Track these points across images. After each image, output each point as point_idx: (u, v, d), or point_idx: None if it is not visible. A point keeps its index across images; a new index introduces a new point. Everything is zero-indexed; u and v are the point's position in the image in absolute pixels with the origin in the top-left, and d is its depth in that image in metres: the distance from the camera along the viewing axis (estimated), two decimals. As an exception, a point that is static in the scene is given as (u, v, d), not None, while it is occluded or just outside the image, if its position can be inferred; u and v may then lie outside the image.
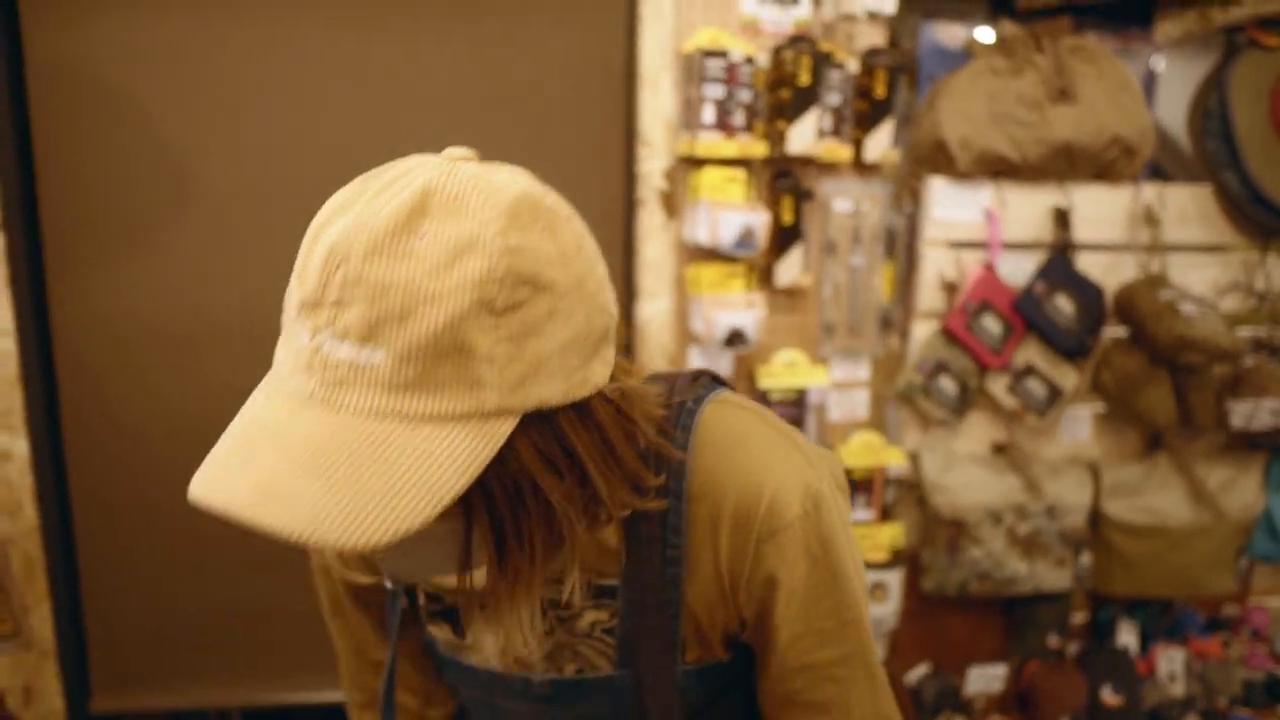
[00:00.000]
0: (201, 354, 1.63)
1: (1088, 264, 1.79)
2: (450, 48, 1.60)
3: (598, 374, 0.60)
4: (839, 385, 1.78)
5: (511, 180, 0.58)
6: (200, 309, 1.61)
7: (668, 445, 0.68)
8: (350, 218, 0.55)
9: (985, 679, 1.90)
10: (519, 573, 0.60)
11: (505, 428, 0.54)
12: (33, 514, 1.62)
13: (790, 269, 1.68)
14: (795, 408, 1.71)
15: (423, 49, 1.59)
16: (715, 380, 0.77)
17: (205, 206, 1.59)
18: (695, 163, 1.63)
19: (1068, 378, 1.79)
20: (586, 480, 0.60)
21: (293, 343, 0.57)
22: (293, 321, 0.57)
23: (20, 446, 1.59)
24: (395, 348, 0.52)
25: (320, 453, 0.52)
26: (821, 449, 0.76)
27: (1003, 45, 1.74)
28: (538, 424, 0.56)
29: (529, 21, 1.60)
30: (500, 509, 0.57)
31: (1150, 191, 1.80)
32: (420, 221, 0.53)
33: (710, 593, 0.72)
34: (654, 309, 1.68)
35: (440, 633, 0.82)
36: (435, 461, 0.52)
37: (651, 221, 1.66)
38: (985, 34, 1.85)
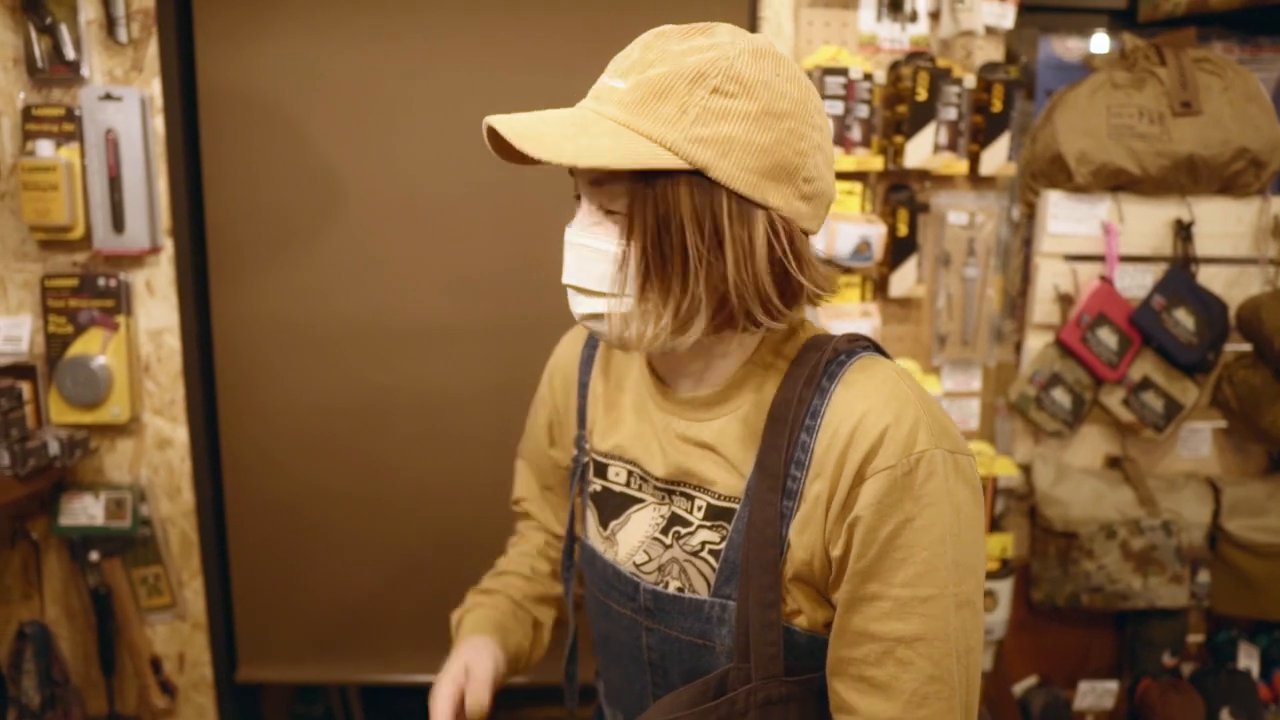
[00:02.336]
0: (346, 354, 1.75)
1: (1210, 278, 1.77)
2: (579, 72, 1.68)
3: (773, 197, 0.75)
4: (950, 395, 1.80)
5: (781, 55, 0.78)
6: (346, 312, 1.73)
7: (811, 324, 0.86)
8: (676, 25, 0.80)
9: (1096, 694, 1.88)
10: (648, 302, 0.77)
11: (669, 158, 0.72)
12: (189, 497, 1.77)
13: (905, 280, 1.71)
14: (906, 416, 1.74)
15: (553, 70, 1.68)
16: (876, 348, 0.85)
17: (353, 218, 1.71)
18: (813, 176, 1.68)
19: (1187, 392, 1.77)
20: (722, 262, 0.75)
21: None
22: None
23: (181, 434, 1.74)
24: (634, 80, 0.75)
25: (549, 119, 0.77)
26: (957, 430, 0.79)
27: (1124, 57, 1.74)
28: (701, 185, 0.74)
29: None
30: (648, 236, 0.75)
31: (1279, 205, 1.77)
32: (701, 32, 0.77)
33: (814, 529, 0.77)
34: (768, 317, 1.74)
35: (591, 519, 0.98)
36: (604, 141, 0.73)
37: (768, 232, 1.71)
38: (1100, 44, 1.84)
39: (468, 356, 1.75)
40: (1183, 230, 1.75)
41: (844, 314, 1.67)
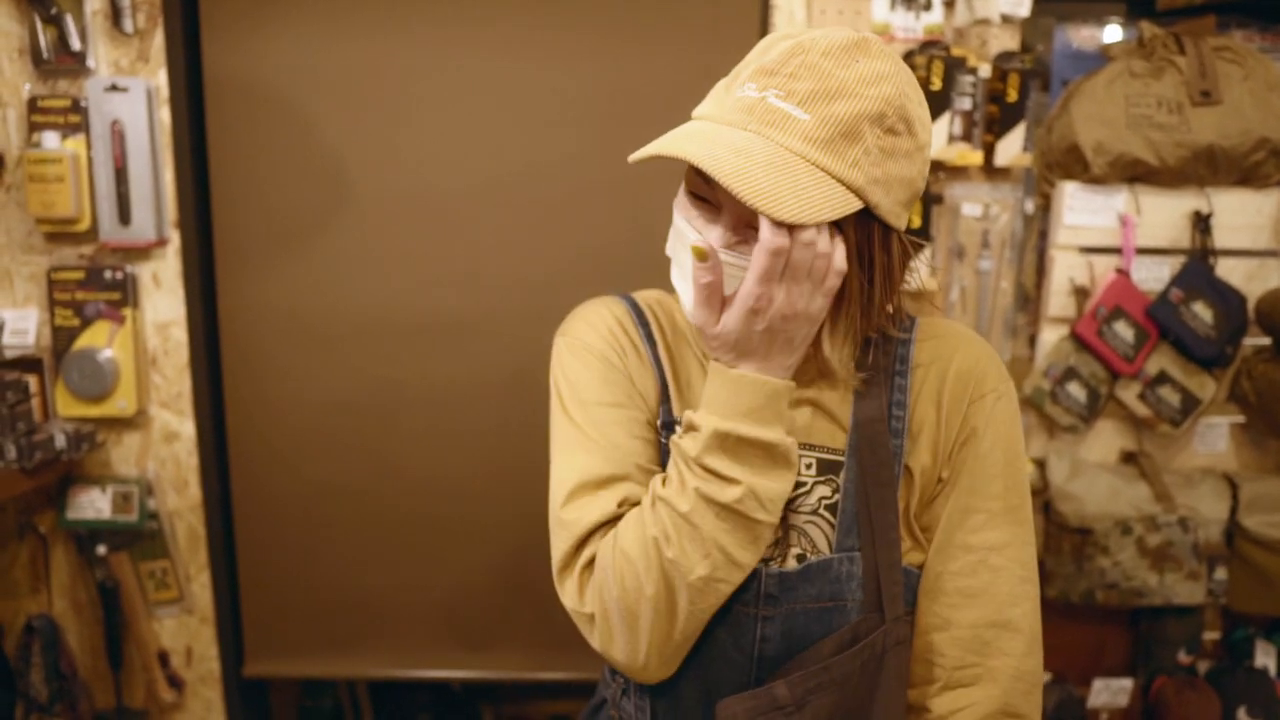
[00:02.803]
0: (353, 347, 1.73)
1: (1228, 270, 1.74)
2: (590, 64, 1.66)
3: (904, 219, 0.80)
4: (963, 389, 1.78)
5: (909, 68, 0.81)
6: (353, 306, 1.72)
7: (903, 314, 0.88)
8: (812, 34, 0.77)
9: (1110, 692, 1.86)
10: (834, 317, 0.80)
11: (855, 203, 0.74)
12: (197, 490, 1.76)
13: (918, 272, 1.69)
14: (919, 410, 1.72)
15: (564, 67, 1.66)
16: None
17: (361, 212, 1.70)
18: (825, 167, 1.66)
19: (1205, 387, 1.74)
20: (871, 284, 0.79)
21: (731, 97, 0.78)
22: (741, 83, 0.77)
23: (188, 428, 1.73)
24: (820, 114, 0.73)
25: (751, 152, 0.73)
26: None
27: (1142, 46, 1.71)
28: (863, 219, 0.77)
29: (662, 37, 1.65)
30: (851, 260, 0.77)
31: (1299, 196, 1.74)
32: (861, 51, 0.75)
33: (925, 458, 0.86)
34: (779, 310, 1.72)
35: None
36: (823, 193, 0.73)
37: (780, 224, 1.69)
38: (1114, 34, 1.81)
39: (476, 351, 1.74)
40: (1201, 222, 1.72)
41: (856, 307, 1.64)
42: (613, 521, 0.83)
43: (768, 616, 0.84)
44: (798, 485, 0.85)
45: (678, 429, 0.86)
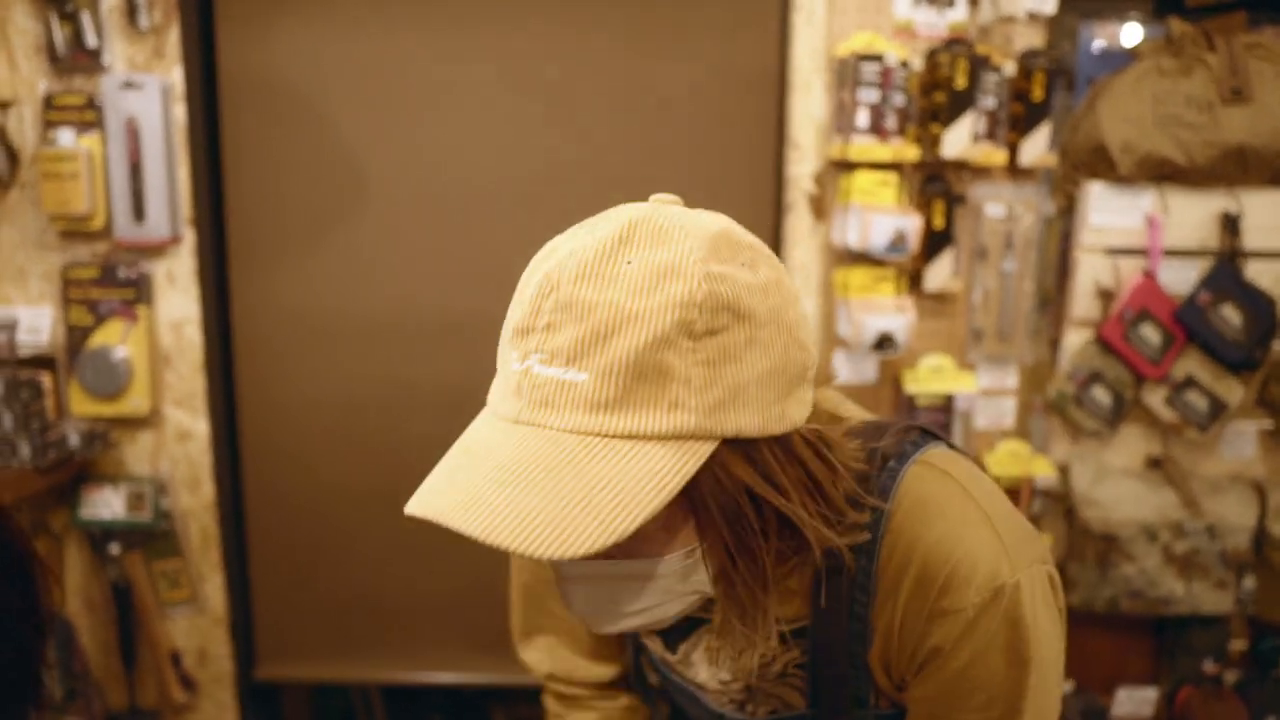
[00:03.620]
0: (366, 347, 1.72)
1: (1258, 273, 1.70)
2: (609, 59, 1.65)
3: (795, 413, 0.60)
4: (986, 392, 1.75)
5: (713, 219, 0.61)
6: (366, 306, 1.71)
7: (866, 497, 0.66)
8: (563, 251, 0.59)
9: (1135, 701, 1.83)
10: (751, 589, 0.61)
11: (705, 449, 0.55)
12: (210, 490, 1.75)
13: (940, 273, 1.66)
14: (942, 413, 1.69)
15: (583, 61, 1.64)
16: (925, 433, 0.73)
17: (376, 211, 1.69)
18: (847, 166, 1.63)
19: (1233, 391, 1.70)
20: (790, 511, 0.60)
21: (504, 371, 0.61)
22: (506, 350, 0.61)
23: (201, 427, 1.72)
24: (598, 367, 0.54)
25: (523, 467, 0.55)
26: (1032, 531, 0.70)
27: (1171, 43, 1.68)
28: (742, 450, 0.57)
29: (684, 31, 1.63)
30: (721, 527, 0.58)
31: (1331, 197, 1.70)
32: (626, 249, 0.56)
33: (882, 650, 0.70)
34: (799, 311, 1.69)
35: (654, 644, 0.83)
36: (633, 477, 0.53)
37: (800, 224, 1.67)
38: (1135, 33, 1.78)
39: (490, 351, 1.72)
40: (1230, 223, 1.69)
41: (877, 308, 1.62)
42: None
43: None
44: (762, 657, 0.74)
45: None
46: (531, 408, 0.57)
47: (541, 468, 0.54)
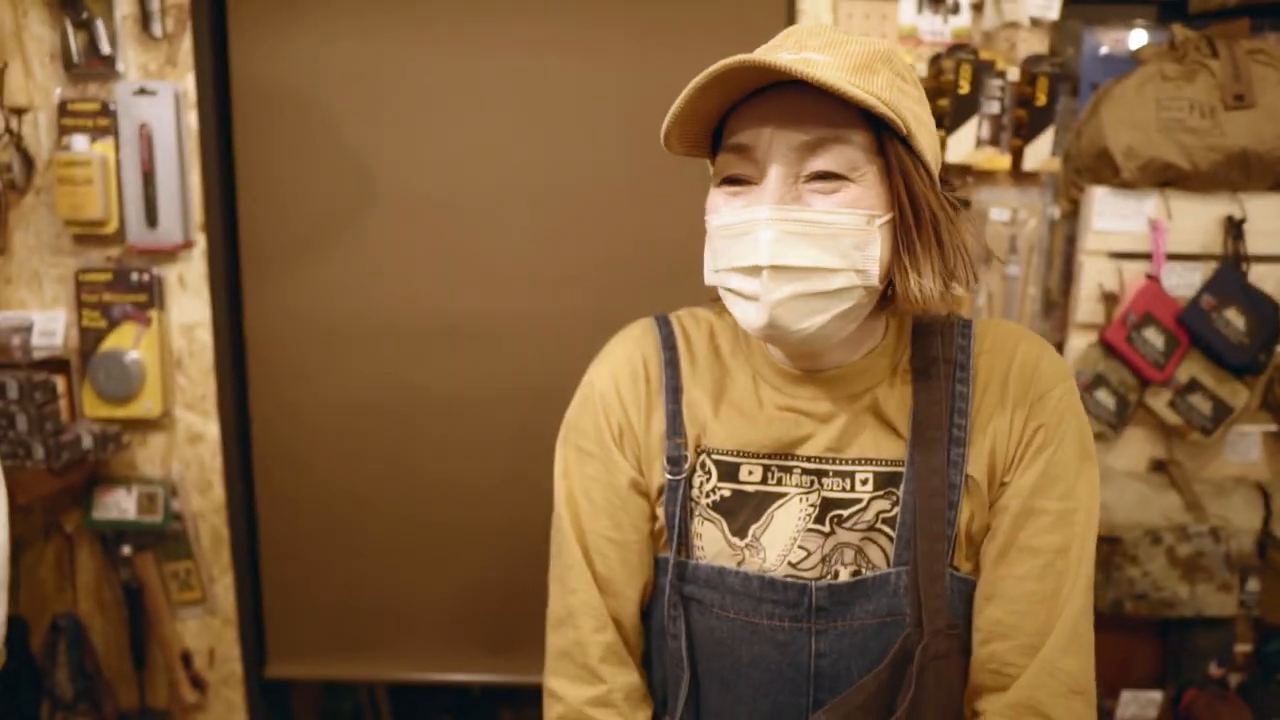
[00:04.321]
0: (377, 350, 1.74)
1: (1261, 277, 1.71)
2: (616, 65, 1.66)
3: (937, 168, 0.79)
4: (990, 396, 1.76)
5: None
6: (376, 309, 1.72)
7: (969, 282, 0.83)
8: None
9: (1139, 704, 1.83)
10: (917, 264, 0.76)
11: (893, 114, 0.73)
12: (220, 492, 1.77)
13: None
14: (945, 417, 1.70)
15: (591, 67, 1.66)
16: None
17: (386, 215, 1.70)
18: (851, 171, 1.64)
19: (1237, 395, 1.71)
20: (920, 228, 0.76)
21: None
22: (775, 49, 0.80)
23: (212, 429, 1.74)
24: (837, 54, 0.75)
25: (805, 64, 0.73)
26: None
27: (1174, 49, 1.69)
28: (919, 164, 0.76)
29: (691, 36, 1.65)
30: (904, 195, 0.76)
31: (1334, 201, 1.70)
32: (845, 32, 0.80)
33: (989, 463, 0.83)
34: (804, 315, 1.70)
35: (713, 532, 0.86)
36: (868, 95, 0.72)
37: (805, 229, 1.68)
38: (1140, 38, 1.79)
39: (499, 355, 1.73)
40: (1234, 227, 1.69)
41: (882, 312, 1.63)
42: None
43: (820, 631, 0.82)
44: (852, 503, 0.83)
45: (685, 463, 0.87)
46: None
47: (815, 69, 0.71)
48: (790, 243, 0.74)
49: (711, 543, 0.87)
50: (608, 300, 1.70)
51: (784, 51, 0.76)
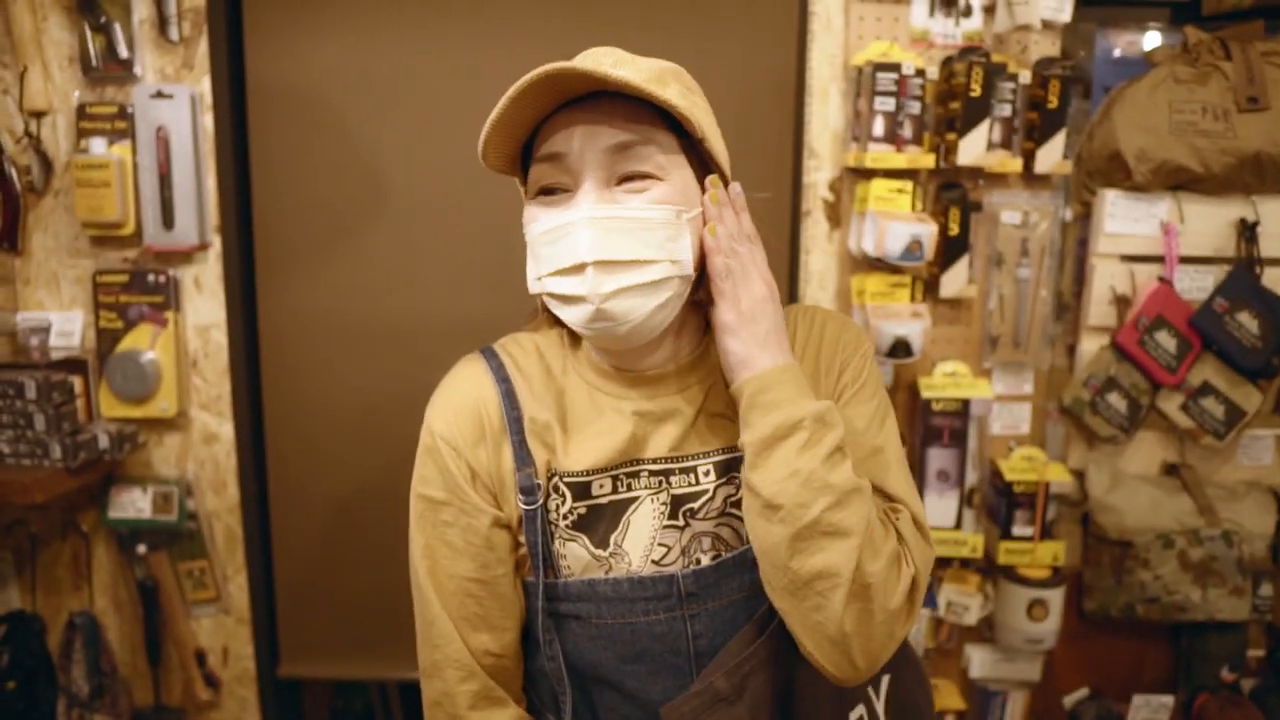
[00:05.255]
0: (387, 350, 1.75)
1: (1275, 280, 1.70)
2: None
3: (726, 166, 0.90)
4: (1002, 398, 1.76)
5: None
6: (390, 310, 1.73)
7: None
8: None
9: (1150, 708, 1.83)
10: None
11: (685, 112, 0.81)
12: (234, 492, 1.78)
13: (955, 280, 1.67)
14: (958, 419, 1.70)
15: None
16: None
17: (400, 215, 1.71)
18: (863, 174, 1.65)
19: (1250, 398, 1.71)
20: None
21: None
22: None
23: (227, 430, 1.76)
24: (629, 68, 0.82)
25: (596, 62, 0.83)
26: None
27: (1187, 51, 1.68)
28: (697, 156, 0.86)
29: (703, 41, 1.65)
30: (698, 199, 0.85)
31: (1348, 204, 1.70)
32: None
33: None
34: (815, 317, 1.71)
35: (576, 550, 0.89)
36: (668, 97, 0.80)
37: (817, 231, 1.68)
38: (1153, 40, 1.78)
39: (510, 355, 1.74)
40: (1247, 230, 1.69)
41: (894, 314, 1.63)
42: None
43: (693, 614, 0.88)
44: (699, 495, 0.89)
45: (538, 491, 0.89)
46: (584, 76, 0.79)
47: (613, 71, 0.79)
48: (609, 239, 0.79)
49: (576, 559, 0.89)
50: (619, 302, 1.71)
51: (585, 67, 0.81)
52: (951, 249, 1.66)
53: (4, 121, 1.64)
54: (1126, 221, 1.71)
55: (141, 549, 1.76)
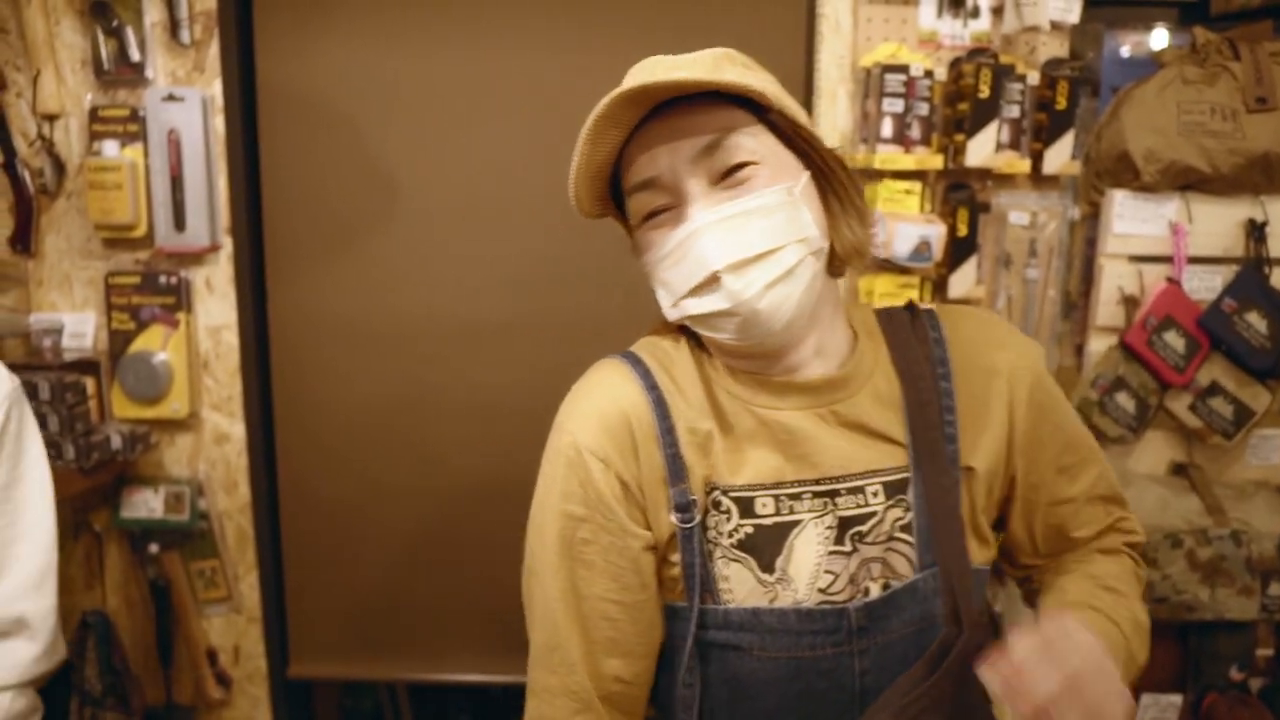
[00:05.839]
0: (400, 351, 1.76)
1: (1283, 280, 1.70)
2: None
3: (814, 129, 0.82)
4: (1009, 399, 1.76)
5: None
6: (401, 310, 1.74)
7: (917, 307, 0.92)
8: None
9: (1159, 708, 1.83)
10: (840, 221, 0.82)
11: (757, 90, 0.75)
12: (246, 492, 1.79)
13: (964, 281, 1.68)
14: (964, 420, 1.70)
15: (610, 71, 1.66)
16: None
17: (409, 218, 1.72)
18: (872, 175, 1.65)
19: (1259, 398, 1.70)
20: (831, 173, 0.82)
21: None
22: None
23: (238, 430, 1.77)
24: (681, 59, 0.82)
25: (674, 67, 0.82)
26: None
27: (1195, 52, 1.68)
28: (802, 129, 0.80)
29: (709, 41, 1.64)
30: (805, 162, 0.81)
31: (1358, 204, 1.70)
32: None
33: (989, 455, 0.86)
34: (823, 318, 1.71)
35: (741, 573, 0.81)
36: (730, 79, 0.75)
37: (825, 232, 1.69)
38: (1161, 41, 1.79)
39: (521, 356, 1.75)
40: (1256, 230, 1.69)
41: (901, 315, 1.64)
42: None
43: (862, 650, 0.81)
44: (868, 517, 0.82)
45: (694, 508, 0.81)
46: (645, 76, 0.77)
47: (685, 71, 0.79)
48: (734, 237, 0.76)
49: (741, 584, 0.82)
50: (629, 302, 1.71)
51: (631, 79, 0.80)
52: (960, 250, 1.67)
53: (17, 124, 1.65)
54: (1135, 222, 1.71)
55: (153, 549, 1.77)
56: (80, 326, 1.71)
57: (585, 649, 0.82)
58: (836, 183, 0.82)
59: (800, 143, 0.80)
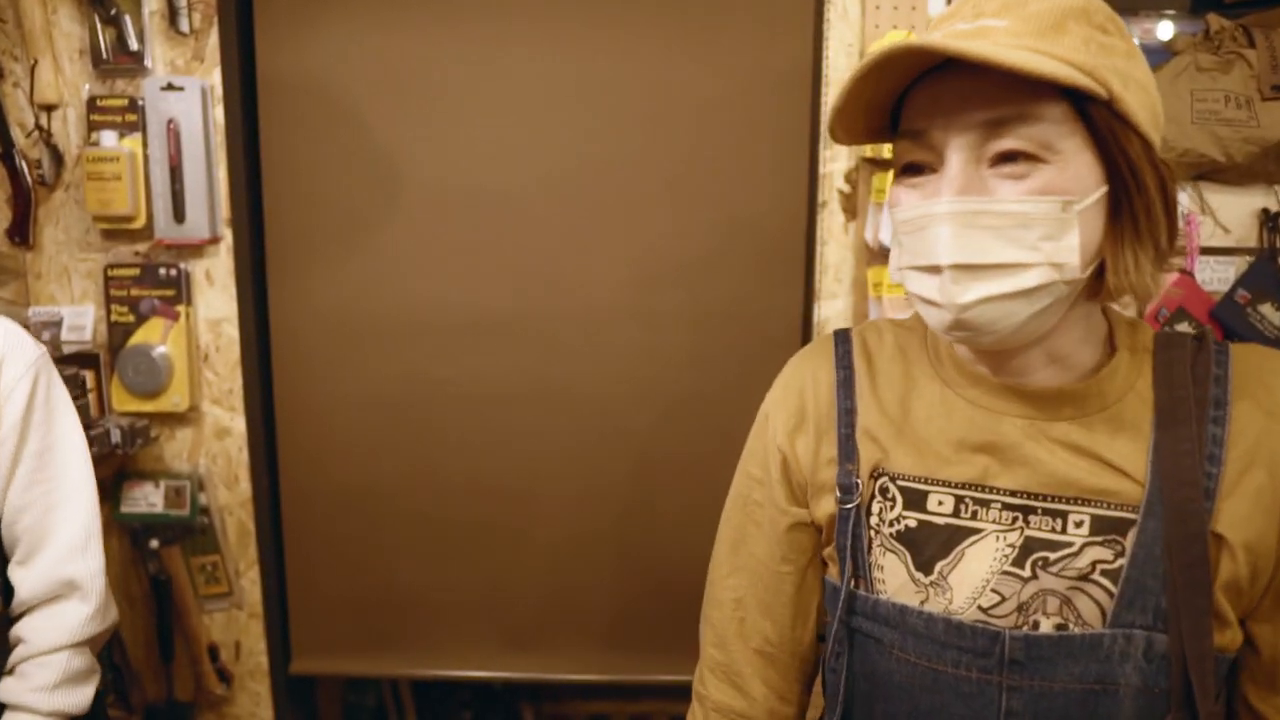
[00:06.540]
0: (402, 345, 1.74)
1: (1298, 271, 1.68)
2: (642, 58, 1.65)
3: (1156, 135, 0.68)
4: (1019, 392, 1.74)
5: None
6: (402, 304, 1.72)
7: (1205, 331, 0.75)
8: None
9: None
10: (1124, 252, 0.68)
11: (1093, 86, 0.63)
12: (247, 486, 1.77)
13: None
14: (974, 413, 1.68)
15: (616, 61, 1.65)
16: None
17: (412, 210, 1.70)
18: (880, 164, 1.63)
19: (1273, 391, 1.68)
20: (1134, 211, 0.67)
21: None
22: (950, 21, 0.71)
23: (239, 424, 1.75)
24: (1017, 16, 0.66)
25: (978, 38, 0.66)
26: None
27: (1208, 39, 1.66)
28: (1118, 120, 0.65)
29: (718, 30, 1.63)
30: (1110, 173, 0.67)
31: (1373, 194, 1.67)
32: None
33: (1254, 528, 0.69)
34: (832, 310, 1.69)
35: (895, 565, 0.77)
36: (1057, 64, 0.63)
37: (833, 223, 1.67)
38: (1166, 30, 1.76)
39: (524, 351, 1.73)
40: (1270, 220, 1.67)
41: (909, 306, 1.61)
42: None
43: (1013, 686, 0.72)
44: (1061, 546, 0.72)
45: (857, 491, 0.78)
46: (956, 41, 0.64)
47: (989, 42, 0.64)
48: (971, 237, 0.66)
49: (893, 576, 0.77)
50: (634, 297, 1.69)
51: (959, 21, 0.68)
52: (969, 240, 1.64)
53: (15, 115, 1.63)
54: (1147, 212, 1.68)
55: (154, 543, 1.76)
56: (79, 319, 1.70)
57: (735, 600, 0.88)
58: (1141, 208, 0.67)
59: (1116, 150, 0.66)
